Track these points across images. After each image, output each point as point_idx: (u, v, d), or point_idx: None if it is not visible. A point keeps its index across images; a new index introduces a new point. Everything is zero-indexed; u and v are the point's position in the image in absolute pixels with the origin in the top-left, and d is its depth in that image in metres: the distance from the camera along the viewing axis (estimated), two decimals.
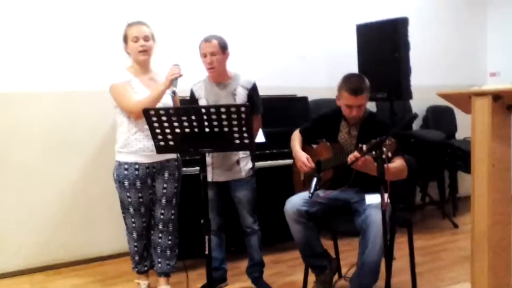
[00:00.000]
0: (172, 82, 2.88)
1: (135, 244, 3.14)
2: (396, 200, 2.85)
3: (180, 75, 2.90)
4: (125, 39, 3.04)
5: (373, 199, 2.70)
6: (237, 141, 2.45)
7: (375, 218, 2.57)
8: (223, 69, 3.10)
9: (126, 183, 3.00)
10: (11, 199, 3.70)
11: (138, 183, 3.01)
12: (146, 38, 3.01)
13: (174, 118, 2.39)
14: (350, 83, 2.80)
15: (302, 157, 3.00)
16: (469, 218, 2.54)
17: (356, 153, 2.58)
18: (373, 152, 2.44)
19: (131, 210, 3.06)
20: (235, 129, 2.40)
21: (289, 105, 4.28)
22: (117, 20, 3.27)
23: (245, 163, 3.15)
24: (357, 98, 2.79)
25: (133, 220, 3.09)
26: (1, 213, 3.68)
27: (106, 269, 3.81)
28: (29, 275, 3.71)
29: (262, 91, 3.33)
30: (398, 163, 2.71)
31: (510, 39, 5.87)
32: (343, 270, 3.27)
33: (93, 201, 3.95)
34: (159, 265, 3.17)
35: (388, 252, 2.54)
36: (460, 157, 4.97)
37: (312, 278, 3.05)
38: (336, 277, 3.19)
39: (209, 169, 3.05)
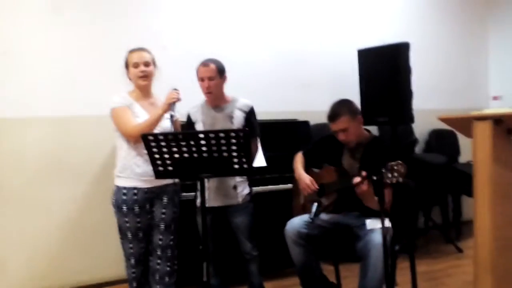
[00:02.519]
0: (170, 106, 2.89)
1: (133, 270, 3.09)
2: (398, 225, 2.81)
3: (179, 100, 2.91)
4: (127, 65, 3.07)
5: (374, 224, 2.68)
6: (236, 166, 2.44)
7: (375, 243, 2.54)
8: (221, 93, 3.11)
9: (124, 208, 2.98)
10: (7, 226, 3.67)
11: (136, 208, 2.98)
12: (146, 64, 3.03)
13: (173, 143, 2.39)
14: (329, 111, 2.87)
15: (306, 180, 2.98)
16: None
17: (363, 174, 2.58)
18: (389, 175, 2.38)
19: (129, 235, 3.02)
20: (234, 154, 2.39)
21: (290, 130, 4.27)
22: (118, 45, 3.29)
23: (242, 188, 3.13)
24: (334, 123, 2.84)
25: (131, 245, 3.05)
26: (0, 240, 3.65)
27: None
28: None
29: (263, 116, 3.33)
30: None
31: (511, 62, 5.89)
32: None
33: (92, 227, 3.91)
34: None
35: (389, 278, 2.49)
36: (463, 180, 4.93)
37: None
38: None
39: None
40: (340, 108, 2.85)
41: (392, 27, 5.22)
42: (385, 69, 4.24)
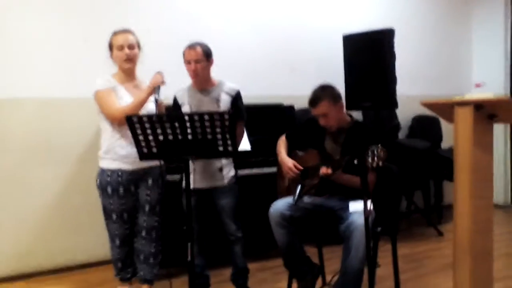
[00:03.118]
0: (155, 89, 2.88)
1: (118, 251, 3.12)
2: (381, 208, 2.86)
3: (163, 82, 2.91)
4: (111, 47, 3.05)
5: (356, 206, 2.72)
6: (221, 148, 2.44)
7: (358, 225, 2.58)
8: (207, 76, 3.11)
9: (109, 189, 2.99)
10: None
11: (121, 190, 3.00)
12: (131, 46, 3.02)
13: (157, 125, 2.38)
14: (310, 95, 2.91)
15: (289, 163, 3.01)
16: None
17: (325, 169, 2.71)
18: (369, 159, 2.42)
19: (114, 217, 3.04)
20: (219, 136, 2.39)
21: (275, 114, 4.30)
22: (103, 27, 3.26)
23: (228, 170, 3.15)
24: (315, 108, 2.88)
25: (115, 227, 3.07)
26: None
27: (89, 276, 3.77)
28: (11, 282, 3.66)
29: (249, 100, 3.34)
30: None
31: (494, 50, 5.95)
32: (328, 278, 3.26)
33: (76, 208, 3.92)
34: (142, 272, 3.15)
35: (371, 259, 2.54)
36: (445, 165, 5.01)
37: (296, 286, 3.04)
38: (320, 284, 3.19)
39: (190, 176, 3.05)
40: (321, 93, 2.88)
41: (377, 13, 5.25)
42: (369, 54, 4.27)
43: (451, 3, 6.00)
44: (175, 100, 3.19)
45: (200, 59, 3.02)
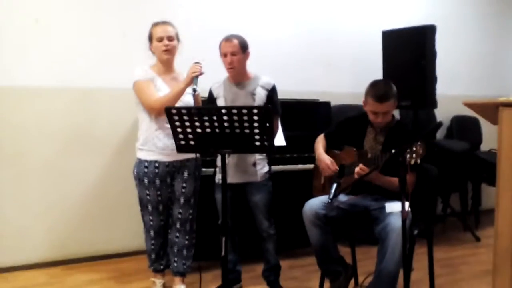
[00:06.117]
0: (193, 80, 2.89)
1: (152, 242, 3.15)
2: (416, 210, 2.80)
3: (201, 73, 2.91)
4: (150, 38, 3.08)
5: (393, 207, 2.66)
6: (258, 143, 2.43)
7: (395, 227, 2.53)
8: (243, 69, 3.09)
9: (146, 180, 3.02)
10: (31, 194, 3.74)
11: (157, 181, 3.02)
12: (170, 38, 3.03)
13: (195, 118, 2.38)
14: (376, 90, 2.78)
15: (326, 160, 2.98)
16: (492, 231, 2.47)
17: (361, 166, 2.66)
18: (407, 155, 2.38)
19: (149, 207, 3.07)
20: (256, 130, 2.38)
21: (311, 110, 4.25)
22: (142, 18, 3.29)
23: (261, 166, 3.12)
24: (382, 105, 2.76)
25: (151, 218, 3.10)
26: (22, 208, 3.71)
27: (123, 266, 3.82)
28: (47, 268, 3.74)
29: (286, 95, 3.30)
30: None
31: None
32: (360, 279, 3.22)
33: (113, 198, 3.98)
34: (175, 264, 3.17)
35: (406, 262, 2.48)
36: (484, 169, 4.88)
37: (328, 285, 3.01)
38: (352, 285, 3.15)
39: None
40: (390, 90, 2.79)
41: (417, 9, 5.15)
42: (409, 51, 4.18)
43: (496, 1, 5.82)
44: (210, 93, 3.18)
45: (236, 52, 3.00)
